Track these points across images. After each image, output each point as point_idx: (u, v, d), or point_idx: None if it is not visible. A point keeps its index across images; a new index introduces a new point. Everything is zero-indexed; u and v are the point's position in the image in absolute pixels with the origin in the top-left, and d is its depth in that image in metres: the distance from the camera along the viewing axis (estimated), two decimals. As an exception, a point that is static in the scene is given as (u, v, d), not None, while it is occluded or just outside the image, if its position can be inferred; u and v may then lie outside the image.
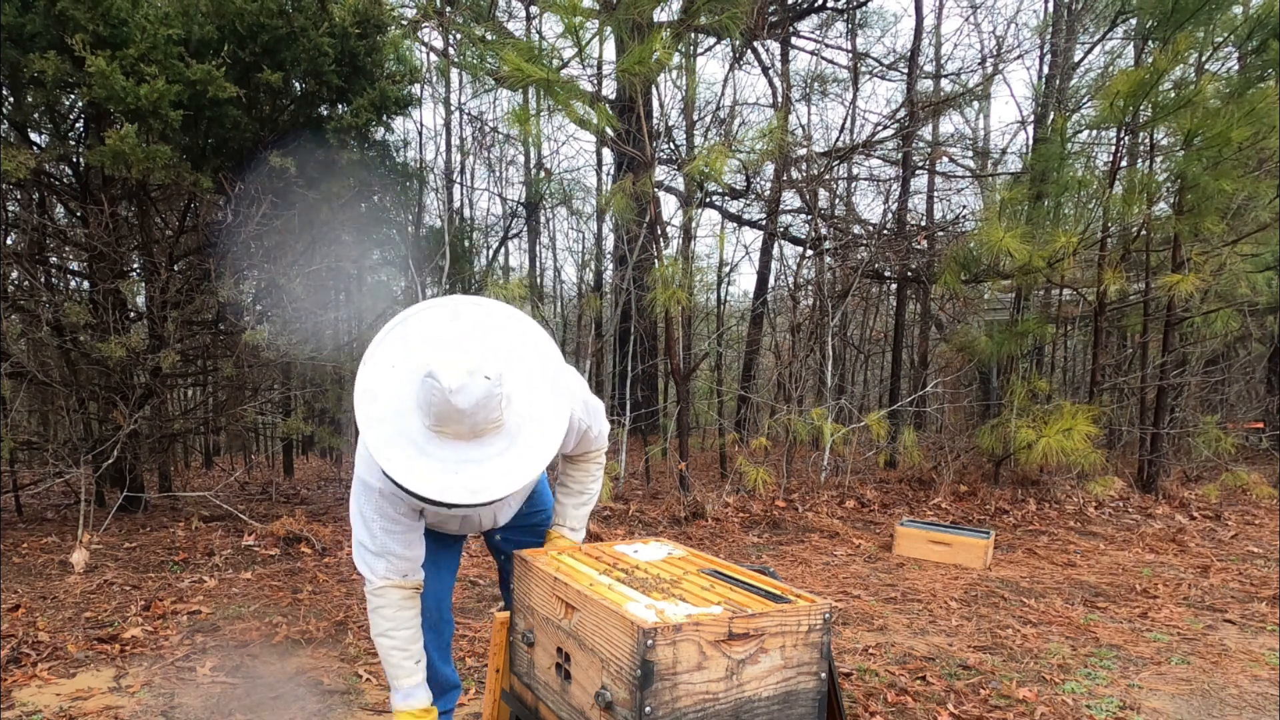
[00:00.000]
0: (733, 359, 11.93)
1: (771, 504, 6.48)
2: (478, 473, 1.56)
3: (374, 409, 1.58)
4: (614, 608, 1.43)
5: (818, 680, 1.52)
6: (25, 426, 6.34)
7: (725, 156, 6.42)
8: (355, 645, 3.41)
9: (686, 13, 6.42)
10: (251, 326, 5.51)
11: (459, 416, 1.53)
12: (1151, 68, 6.15)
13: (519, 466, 1.59)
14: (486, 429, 1.57)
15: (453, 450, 1.56)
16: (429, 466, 1.55)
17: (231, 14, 5.07)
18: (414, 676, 1.92)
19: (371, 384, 1.60)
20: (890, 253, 8.26)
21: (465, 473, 1.55)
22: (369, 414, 1.58)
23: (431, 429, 1.56)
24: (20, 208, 6.19)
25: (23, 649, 3.21)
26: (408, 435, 1.56)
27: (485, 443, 1.58)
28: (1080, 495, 6.73)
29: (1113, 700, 2.97)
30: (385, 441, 1.56)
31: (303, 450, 10.89)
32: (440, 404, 1.52)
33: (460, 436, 1.56)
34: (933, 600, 4.25)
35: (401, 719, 1.92)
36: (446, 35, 8.03)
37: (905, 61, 9.77)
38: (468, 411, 1.52)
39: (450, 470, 1.55)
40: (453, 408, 1.52)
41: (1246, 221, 7.17)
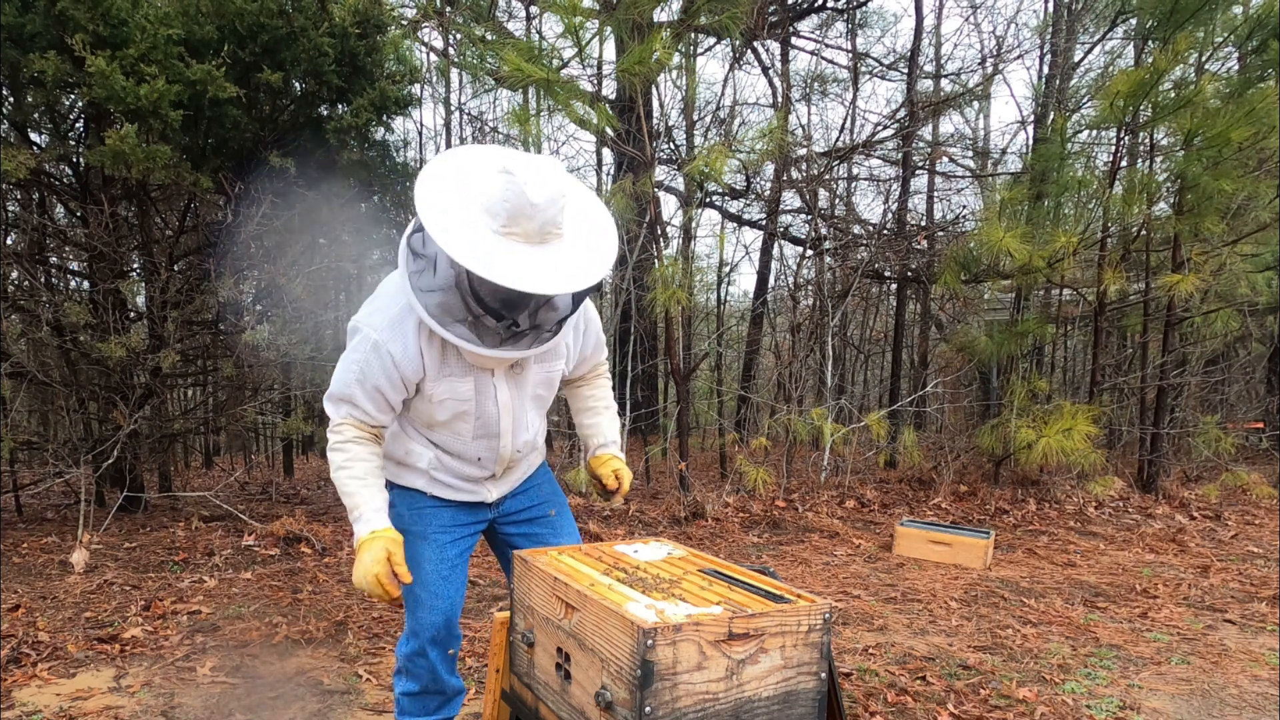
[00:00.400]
0: (733, 359, 11.93)
1: (771, 504, 6.48)
2: (554, 265, 1.63)
3: (443, 220, 1.62)
4: (614, 608, 1.43)
5: (818, 680, 1.52)
6: (25, 426, 6.34)
7: (725, 156, 6.42)
8: (355, 645, 3.41)
9: (686, 13, 6.42)
10: (251, 326, 5.51)
11: (531, 212, 1.59)
12: (1151, 68, 6.15)
13: (591, 263, 1.68)
14: (550, 234, 1.64)
15: (521, 251, 1.62)
16: (508, 259, 1.60)
17: (231, 14, 5.07)
18: (373, 501, 1.87)
19: (436, 199, 1.65)
20: (890, 253, 8.26)
21: (541, 266, 1.62)
22: (440, 224, 1.61)
23: (499, 231, 1.61)
24: (20, 208, 6.19)
25: (23, 649, 3.21)
26: (480, 238, 1.61)
27: (550, 248, 1.65)
28: (1080, 495, 6.73)
29: (1113, 700, 2.97)
30: (463, 241, 1.59)
31: (303, 450, 10.89)
32: (515, 198, 1.58)
33: (529, 238, 1.62)
34: (933, 600, 4.25)
35: (364, 543, 1.83)
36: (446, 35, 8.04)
37: (905, 61, 9.77)
38: (540, 205, 1.59)
39: (528, 263, 1.61)
40: (527, 201, 1.58)
41: (1246, 221, 7.17)
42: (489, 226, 1.62)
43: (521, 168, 1.60)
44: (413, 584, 2.01)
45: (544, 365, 1.97)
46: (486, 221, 1.62)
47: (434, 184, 1.67)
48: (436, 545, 2.03)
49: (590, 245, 1.71)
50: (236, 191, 5.40)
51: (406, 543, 2.03)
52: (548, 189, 1.60)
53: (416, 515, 2.04)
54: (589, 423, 2.21)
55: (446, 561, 2.04)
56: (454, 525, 2.07)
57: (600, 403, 2.21)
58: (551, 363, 1.98)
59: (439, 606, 2.02)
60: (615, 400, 2.30)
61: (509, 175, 1.59)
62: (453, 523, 2.06)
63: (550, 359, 1.98)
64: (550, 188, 1.60)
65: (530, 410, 2.02)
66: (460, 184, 1.67)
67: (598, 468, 2.17)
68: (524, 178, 1.58)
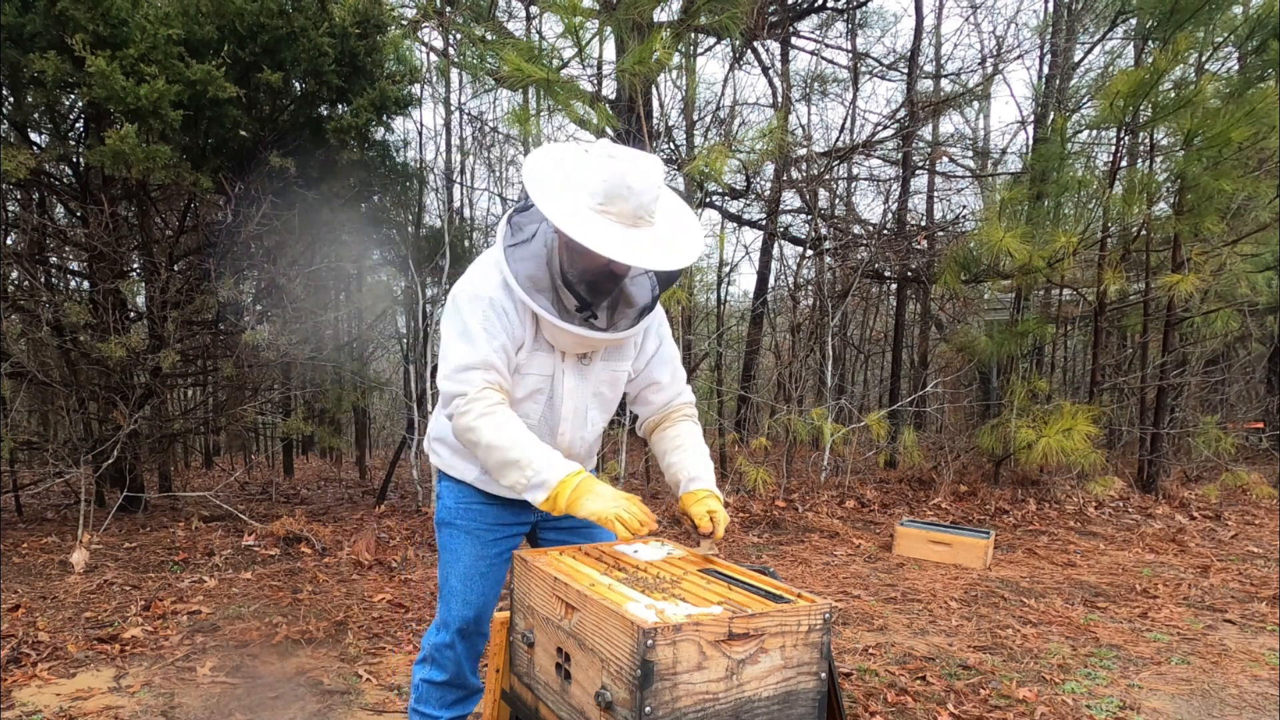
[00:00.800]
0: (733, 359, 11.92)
1: (771, 504, 6.48)
2: (643, 244, 1.71)
3: (549, 192, 1.72)
4: (614, 608, 1.43)
5: (818, 680, 1.52)
6: (25, 426, 6.34)
7: (725, 156, 6.42)
8: (355, 645, 3.41)
9: (686, 13, 6.42)
10: (251, 326, 5.51)
11: (627, 194, 1.68)
12: (1151, 68, 6.15)
13: (677, 250, 1.75)
14: (642, 219, 1.72)
15: (617, 229, 1.70)
16: (603, 232, 1.68)
17: (231, 14, 5.06)
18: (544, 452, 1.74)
19: (543, 176, 1.76)
20: (890, 253, 8.25)
21: (632, 242, 1.70)
22: (545, 195, 1.72)
23: (596, 209, 1.70)
24: (20, 208, 6.19)
25: (23, 649, 3.21)
26: (579, 211, 1.71)
27: (641, 231, 1.73)
28: (1080, 495, 6.73)
29: (1113, 700, 2.97)
30: (568, 213, 1.69)
31: (303, 450, 10.89)
32: (615, 179, 1.67)
33: (623, 218, 1.70)
34: (933, 600, 4.25)
35: (584, 481, 1.72)
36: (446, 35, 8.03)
37: (905, 61, 9.76)
38: (637, 189, 1.68)
39: (620, 237, 1.69)
40: (625, 183, 1.67)
41: (1246, 221, 7.17)
42: (587, 204, 1.72)
43: (623, 154, 1.72)
44: (450, 575, 2.05)
45: (610, 364, 1.99)
46: (585, 200, 1.72)
47: (542, 163, 1.79)
48: (480, 542, 2.05)
49: (677, 237, 1.79)
50: (236, 191, 5.40)
51: (449, 534, 2.07)
52: (646, 176, 1.70)
53: (463, 510, 2.06)
54: (675, 460, 2.03)
55: (486, 559, 2.05)
56: (499, 524, 2.08)
57: (689, 440, 2.06)
58: (618, 363, 2.01)
59: (473, 602, 2.03)
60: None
61: (612, 159, 1.70)
62: (497, 521, 2.07)
63: (617, 358, 2.00)
64: (648, 176, 1.71)
65: (593, 406, 2.02)
66: (563, 168, 1.78)
67: (690, 505, 1.94)
68: (625, 162, 1.70)
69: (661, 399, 2.10)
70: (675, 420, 2.10)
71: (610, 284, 1.82)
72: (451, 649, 2.07)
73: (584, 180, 1.72)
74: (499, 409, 1.78)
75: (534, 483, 1.72)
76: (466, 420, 1.77)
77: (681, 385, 2.12)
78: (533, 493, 1.74)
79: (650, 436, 2.14)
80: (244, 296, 5.93)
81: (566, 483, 1.72)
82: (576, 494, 1.71)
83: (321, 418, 7.46)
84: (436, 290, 7.39)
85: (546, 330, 1.86)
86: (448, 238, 6.48)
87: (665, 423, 2.11)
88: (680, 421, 2.10)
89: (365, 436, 9.90)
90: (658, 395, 2.10)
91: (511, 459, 1.74)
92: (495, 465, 1.76)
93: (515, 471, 1.74)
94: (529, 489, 1.74)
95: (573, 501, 1.71)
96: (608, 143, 1.77)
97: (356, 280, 8.36)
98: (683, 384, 2.13)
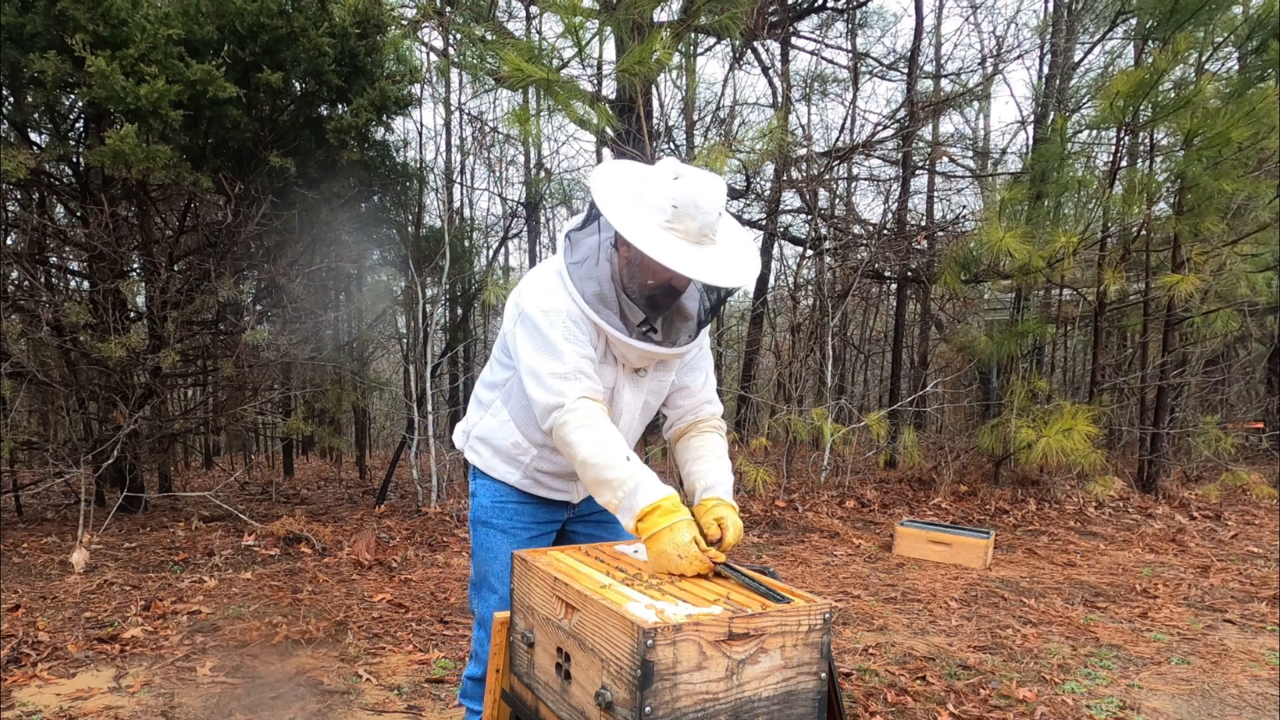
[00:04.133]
0: (733, 359, 11.92)
1: (771, 504, 6.48)
2: (710, 258, 1.75)
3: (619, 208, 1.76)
4: (614, 608, 1.43)
5: (818, 680, 1.52)
6: (25, 426, 6.34)
7: (725, 156, 6.42)
8: (355, 645, 3.41)
9: (686, 13, 6.41)
10: (251, 326, 5.51)
11: (695, 212, 1.71)
12: (1151, 68, 6.15)
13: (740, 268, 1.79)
14: (706, 238, 1.76)
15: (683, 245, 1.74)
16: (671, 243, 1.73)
17: (231, 14, 5.06)
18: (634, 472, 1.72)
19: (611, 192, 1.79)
20: (890, 253, 8.25)
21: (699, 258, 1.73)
22: (619, 212, 1.75)
23: (663, 226, 1.74)
24: (20, 208, 6.19)
25: (23, 649, 3.21)
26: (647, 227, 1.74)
27: (705, 249, 1.76)
28: (1080, 495, 6.72)
29: (1113, 700, 2.97)
30: (642, 229, 1.72)
31: (303, 450, 10.89)
32: (684, 198, 1.71)
33: (689, 236, 1.74)
34: (933, 600, 4.25)
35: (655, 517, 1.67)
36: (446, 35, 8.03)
37: (905, 61, 9.76)
38: (704, 209, 1.72)
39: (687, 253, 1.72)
40: (694, 202, 1.71)
41: (1246, 221, 7.17)
42: (655, 221, 1.75)
43: (690, 174, 1.75)
44: (488, 574, 2.09)
45: (659, 375, 2.03)
46: (654, 217, 1.75)
47: (612, 179, 1.83)
48: (515, 540, 2.08)
49: (737, 256, 1.83)
50: (236, 191, 5.40)
51: (485, 533, 2.11)
52: (713, 196, 1.74)
53: (499, 509, 2.09)
54: (695, 469, 2.01)
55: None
56: (534, 523, 2.11)
57: (712, 451, 2.04)
58: (665, 374, 2.04)
59: (509, 599, 2.04)
60: None
61: (679, 179, 1.74)
62: (533, 520, 2.11)
63: (665, 370, 2.03)
64: (715, 196, 1.75)
65: (639, 417, 2.06)
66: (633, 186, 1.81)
67: (701, 515, 1.88)
68: (693, 182, 1.73)
69: (690, 404, 2.11)
70: (701, 431, 2.10)
71: (669, 299, 1.87)
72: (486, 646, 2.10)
73: (654, 199, 1.75)
74: (598, 420, 1.77)
75: (624, 507, 1.73)
76: (564, 433, 1.78)
77: (711, 393, 2.12)
78: (622, 516, 1.74)
79: (675, 444, 2.14)
80: (244, 296, 5.94)
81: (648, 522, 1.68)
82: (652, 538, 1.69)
83: (321, 418, 7.45)
84: (436, 290, 7.39)
85: (615, 345, 1.89)
86: (448, 238, 6.48)
87: (691, 432, 2.10)
88: (706, 433, 2.09)
89: (365, 436, 9.91)
90: (687, 400, 2.10)
91: (605, 479, 1.73)
92: (590, 481, 1.77)
93: (608, 492, 1.74)
94: (620, 512, 1.74)
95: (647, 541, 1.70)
96: (675, 162, 1.80)
97: (356, 280, 8.36)
98: (712, 391, 2.13)
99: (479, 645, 2.16)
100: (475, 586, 2.15)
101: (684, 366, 2.08)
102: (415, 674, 3.15)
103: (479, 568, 2.13)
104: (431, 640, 3.52)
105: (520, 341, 1.86)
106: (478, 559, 2.14)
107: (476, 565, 2.14)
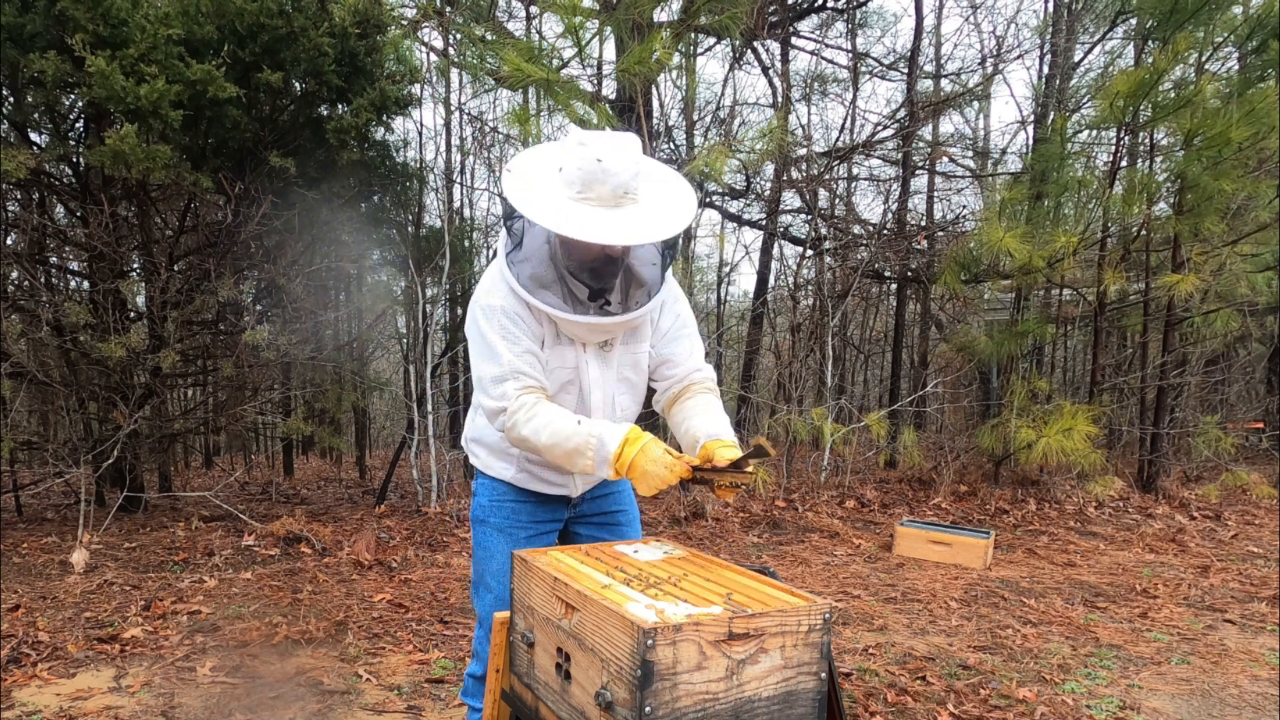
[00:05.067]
0: (733, 359, 11.92)
1: (771, 504, 6.48)
2: (627, 219, 1.72)
3: (525, 192, 1.76)
4: (614, 608, 1.43)
5: (818, 680, 1.52)
6: (25, 426, 6.34)
7: (725, 156, 6.42)
8: (355, 645, 3.41)
9: (686, 13, 6.41)
10: (251, 326, 5.51)
11: (603, 177, 1.69)
12: (1151, 68, 6.15)
13: (663, 221, 1.76)
14: (623, 199, 1.73)
15: (596, 213, 1.72)
16: (581, 213, 1.71)
17: (231, 14, 5.06)
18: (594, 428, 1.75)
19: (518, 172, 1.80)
20: (890, 253, 8.25)
21: (613, 222, 1.71)
22: (520, 194, 1.75)
23: (575, 198, 1.73)
24: (20, 208, 6.19)
25: (23, 649, 3.21)
26: (558, 203, 1.73)
27: (624, 210, 1.74)
28: (1080, 495, 6.72)
29: (1113, 700, 2.97)
30: (540, 204, 1.72)
31: (303, 450, 10.89)
32: (588, 164, 1.69)
33: (603, 202, 1.72)
34: (933, 600, 4.25)
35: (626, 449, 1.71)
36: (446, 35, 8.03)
37: (905, 61, 9.76)
38: (611, 170, 1.69)
39: (600, 219, 1.70)
40: (599, 166, 1.69)
41: (1246, 221, 7.16)
42: (566, 195, 1.75)
43: (595, 139, 1.73)
44: (485, 573, 2.09)
45: (630, 347, 1.99)
46: (564, 191, 1.75)
47: (521, 163, 1.84)
48: (512, 539, 2.07)
49: (663, 209, 1.80)
50: (236, 191, 5.40)
51: (482, 532, 2.10)
52: (619, 156, 1.71)
53: (497, 508, 2.09)
54: (691, 425, 1.95)
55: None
56: (531, 522, 2.11)
57: (706, 408, 1.98)
58: (637, 345, 2.01)
59: (504, 598, 2.04)
60: None
61: (583, 146, 1.72)
62: (531, 519, 2.10)
63: (635, 341, 2.00)
64: (621, 155, 1.72)
65: (621, 392, 2.02)
66: (544, 164, 1.82)
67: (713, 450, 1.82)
68: (597, 147, 1.71)
69: (678, 374, 2.06)
70: (694, 393, 2.05)
71: (612, 267, 1.83)
72: (486, 645, 2.10)
73: (566, 173, 1.74)
74: (538, 408, 1.81)
75: (599, 460, 1.76)
76: (515, 433, 1.82)
77: (699, 361, 2.07)
78: (601, 470, 1.77)
79: (668, 412, 2.09)
80: (244, 296, 5.94)
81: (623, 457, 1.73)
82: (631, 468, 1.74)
83: (321, 418, 7.45)
84: (436, 290, 7.38)
85: (562, 325, 1.88)
86: (448, 238, 6.48)
87: (684, 395, 2.05)
88: (699, 394, 2.04)
89: (365, 436, 9.91)
90: (673, 370, 2.06)
91: (570, 448, 1.77)
92: (561, 459, 1.80)
93: (580, 458, 1.78)
94: (598, 467, 1.77)
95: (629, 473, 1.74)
96: (578, 130, 1.78)
97: (356, 280, 8.36)
98: (700, 359, 2.08)
99: (479, 644, 2.16)
100: (474, 585, 2.16)
101: (663, 338, 2.03)
102: (415, 674, 3.15)
103: (476, 566, 2.14)
104: (431, 640, 3.52)
105: (470, 347, 1.90)
106: (475, 557, 2.14)
107: (474, 564, 2.15)
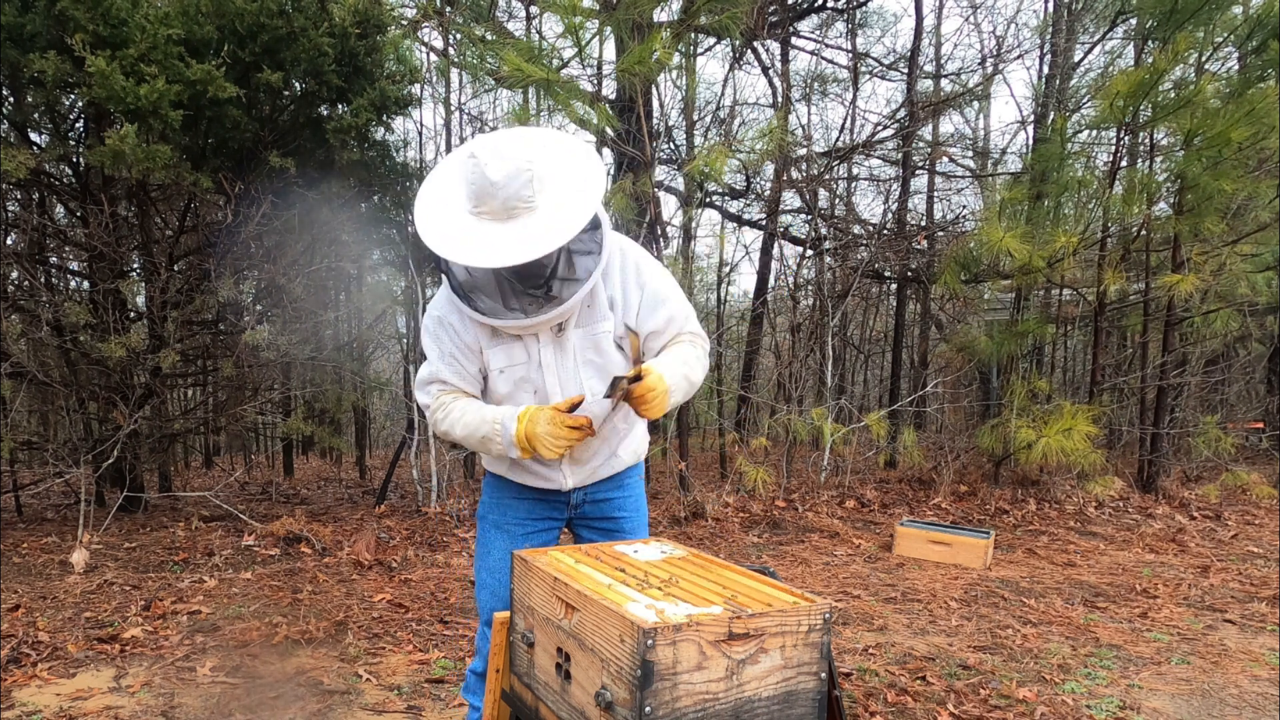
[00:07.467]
0: (733, 359, 11.92)
1: (771, 504, 6.48)
2: (493, 239, 1.69)
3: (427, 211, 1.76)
4: (614, 608, 1.43)
5: (818, 680, 1.52)
6: (25, 426, 6.34)
7: (725, 156, 6.42)
8: (355, 645, 3.41)
9: (686, 13, 6.41)
10: (251, 326, 5.51)
11: (492, 190, 1.66)
12: (1151, 68, 6.14)
13: (557, 225, 1.68)
14: (519, 208, 1.68)
15: (487, 229, 1.69)
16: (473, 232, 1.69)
17: (231, 14, 5.06)
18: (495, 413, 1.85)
19: (429, 187, 1.81)
20: (890, 253, 8.25)
21: (482, 239, 1.68)
22: (423, 211, 1.76)
23: (472, 213, 1.70)
24: (20, 208, 6.19)
25: (23, 649, 3.21)
26: (449, 219, 1.72)
27: (517, 222, 1.69)
28: (1080, 495, 6.72)
29: (1113, 700, 2.97)
30: (427, 220, 1.73)
31: (303, 450, 10.89)
32: (478, 179, 1.66)
33: (495, 216, 1.69)
34: (933, 600, 4.25)
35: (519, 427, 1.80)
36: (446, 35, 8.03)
37: (905, 61, 9.76)
38: (499, 183, 1.65)
39: (471, 237, 1.69)
40: (486, 180, 1.65)
41: (1246, 221, 7.16)
42: (465, 209, 1.72)
43: (483, 148, 1.67)
44: (481, 569, 2.12)
45: (587, 329, 1.91)
46: (463, 205, 1.72)
47: (435, 177, 1.82)
48: (509, 536, 2.09)
49: (559, 214, 1.70)
50: (236, 191, 5.40)
51: (482, 529, 2.14)
52: (506, 166, 1.65)
53: (496, 504, 2.12)
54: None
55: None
56: (530, 519, 2.12)
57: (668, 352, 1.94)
58: (594, 325, 1.92)
59: (500, 594, 2.05)
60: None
61: (473, 159, 1.67)
62: (529, 516, 2.12)
63: (591, 321, 1.91)
64: (508, 165, 1.65)
65: (590, 375, 1.94)
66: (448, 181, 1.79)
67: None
68: (484, 158, 1.65)
69: (665, 340, 1.98)
70: (671, 345, 1.98)
71: (536, 269, 1.75)
72: (485, 640, 2.11)
73: (461, 187, 1.72)
74: (452, 404, 1.92)
75: (507, 443, 1.84)
76: (439, 430, 1.94)
77: (683, 323, 1.98)
78: (511, 452, 1.86)
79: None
80: (244, 296, 5.93)
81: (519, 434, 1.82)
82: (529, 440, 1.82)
83: (321, 418, 7.45)
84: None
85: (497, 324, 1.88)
86: (448, 238, 6.47)
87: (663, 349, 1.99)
88: (675, 345, 1.97)
89: (365, 436, 9.91)
90: (660, 340, 1.98)
91: (481, 436, 1.87)
92: (477, 447, 1.91)
93: (492, 444, 1.87)
94: (509, 450, 1.85)
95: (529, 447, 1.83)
96: (473, 141, 1.73)
97: (356, 280, 8.36)
98: (685, 322, 1.99)
99: (480, 640, 2.18)
100: (476, 581, 2.19)
101: (638, 314, 1.94)
102: (415, 674, 3.15)
103: (476, 563, 2.16)
104: (431, 640, 3.52)
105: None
106: (476, 554, 2.17)
107: (475, 560, 2.18)
